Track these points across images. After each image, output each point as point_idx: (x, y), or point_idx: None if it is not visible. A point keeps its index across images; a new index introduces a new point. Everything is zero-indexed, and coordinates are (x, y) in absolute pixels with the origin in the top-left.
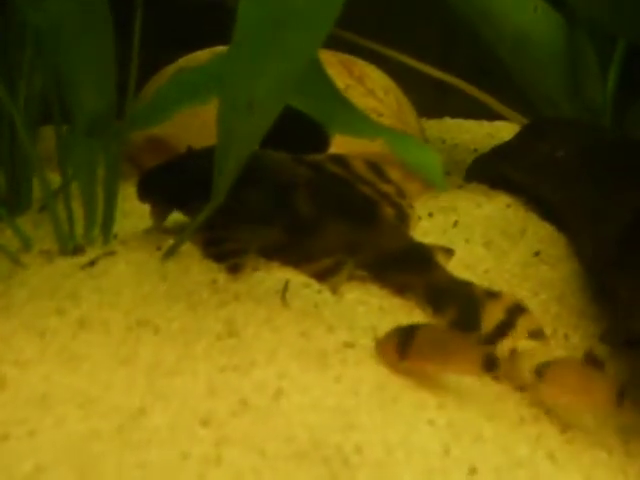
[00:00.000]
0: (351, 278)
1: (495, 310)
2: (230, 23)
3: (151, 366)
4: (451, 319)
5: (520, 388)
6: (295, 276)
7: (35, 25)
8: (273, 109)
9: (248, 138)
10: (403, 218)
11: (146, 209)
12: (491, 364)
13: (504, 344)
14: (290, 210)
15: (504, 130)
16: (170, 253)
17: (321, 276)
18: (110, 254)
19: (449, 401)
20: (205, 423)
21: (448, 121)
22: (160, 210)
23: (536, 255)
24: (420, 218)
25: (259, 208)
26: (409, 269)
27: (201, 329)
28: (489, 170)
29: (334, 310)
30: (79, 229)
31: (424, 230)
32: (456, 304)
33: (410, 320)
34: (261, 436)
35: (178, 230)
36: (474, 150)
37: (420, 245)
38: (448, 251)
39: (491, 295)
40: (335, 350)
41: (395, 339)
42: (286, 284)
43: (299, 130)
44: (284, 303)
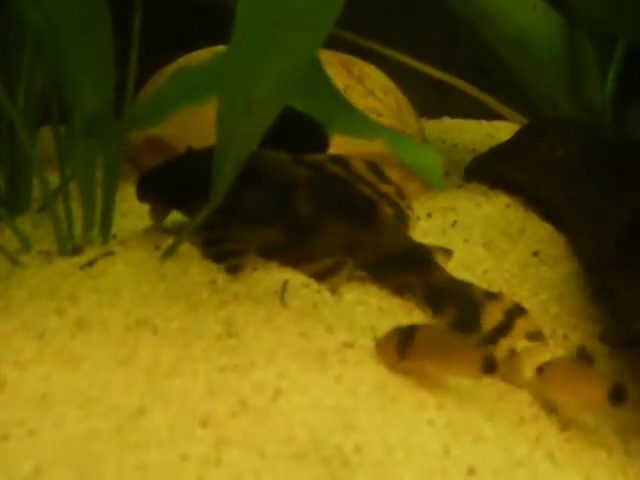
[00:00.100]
0: (350, 278)
1: (494, 311)
2: (229, 23)
3: (150, 366)
4: (450, 320)
5: (519, 387)
6: (294, 276)
7: (34, 25)
8: (273, 109)
9: (247, 138)
10: (402, 218)
11: (145, 209)
12: (490, 367)
13: (503, 345)
14: (289, 210)
15: (504, 130)
16: (169, 253)
17: (320, 276)
18: (109, 254)
19: (448, 401)
20: (204, 423)
21: (448, 121)
22: (159, 210)
23: (535, 255)
24: (419, 218)
25: (258, 208)
26: (408, 269)
27: (200, 329)
28: (488, 170)
29: (333, 310)
30: (78, 229)
31: (423, 230)
32: (455, 305)
33: (409, 320)
34: (261, 436)
35: (177, 230)
36: (473, 150)
37: (419, 245)
38: (447, 251)
39: (490, 296)
40: (334, 350)
41: (395, 339)
42: (285, 284)
43: (299, 130)
44: (283, 303)
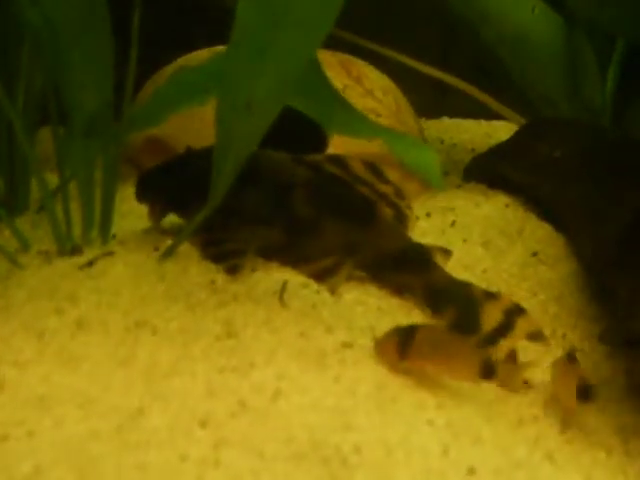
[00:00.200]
0: (349, 278)
1: (494, 311)
2: (229, 23)
3: (150, 367)
4: (450, 320)
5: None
6: (294, 276)
7: (34, 26)
8: (272, 109)
9: (247, 138)
10: (401, 218)
11: (144, 210)
12: (488, 371)
13: (503, 346)
14: (288, 210)
15: (503, 130)
16: (168, 254)
17: (320, 276)
18: (108, 255)
19: (448, 401)
20: (204, 424)
21: (447, 121)
22: (158, 211)
23: (534, 255)
24: (418, 218)
25: (258, 208)
26: (407, 269)
27: (200, 330)
28: (487, 170)
29: (333, 310)
30: (77, 230)
31: (422, 230)
32: (455, 305)
33: (409, 320)
34: (260, 437)
35: (176, 231)
36: (472, 150)
37: (418, 245)
38: (446, 251)
39: (490, 296)
40: (334, 350)
41: (395, 339)
42: (284, 285)
43: (298, 130)
44: (283, 304)
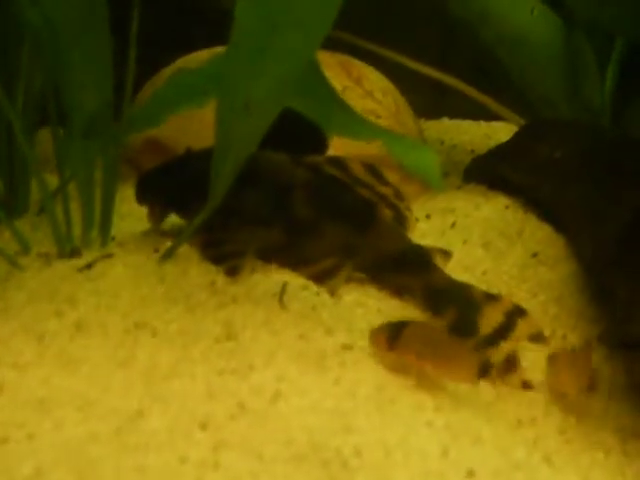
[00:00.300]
0: (349, 280)
1: (494, 313)
2: (228, 24)
3: (149, 369)
4: (450, 321)
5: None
6: (293, 278)
7: (33, 26)
8: (271, 110)
9: (246, 139)
10: (401, 220)
11: (144, 211)
12: (485, 373)
13: (504, 347)
14: (288, 212)
15: (502, 131)
16: (168, 255)
17: (319, 278)
18: (108, 256)
19: (447, 403)
20: (203, 426)
21: (446, 122)
22: (158, 212)
23: (534, 256)
24: (418, 220)
25: (257, 210)
26: (407, 271)
27: (199, 332)
28: (487, 171)
29: (332, 312)
30: (77, 231)
31: (422, 232)
32: (455, 306)
33: None
34: (259, 439)
35: (176, 232)
36: (472, 151)
37: (418, 247)
38: (446, 253)
39: (490, 297)
40: (333, 352)
41: (386, 331)
42: (284, 286)
43: (297, 131)
44: (282, 305)
